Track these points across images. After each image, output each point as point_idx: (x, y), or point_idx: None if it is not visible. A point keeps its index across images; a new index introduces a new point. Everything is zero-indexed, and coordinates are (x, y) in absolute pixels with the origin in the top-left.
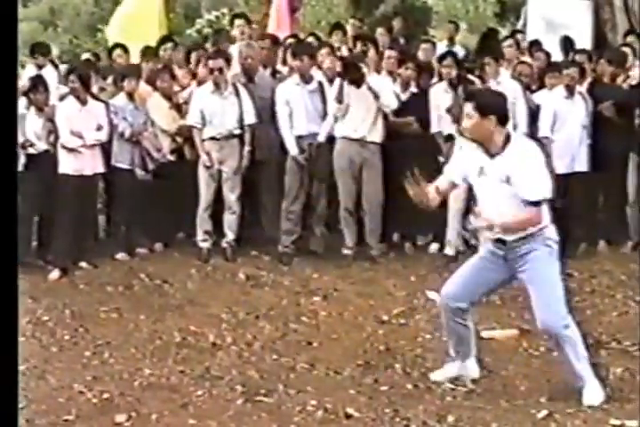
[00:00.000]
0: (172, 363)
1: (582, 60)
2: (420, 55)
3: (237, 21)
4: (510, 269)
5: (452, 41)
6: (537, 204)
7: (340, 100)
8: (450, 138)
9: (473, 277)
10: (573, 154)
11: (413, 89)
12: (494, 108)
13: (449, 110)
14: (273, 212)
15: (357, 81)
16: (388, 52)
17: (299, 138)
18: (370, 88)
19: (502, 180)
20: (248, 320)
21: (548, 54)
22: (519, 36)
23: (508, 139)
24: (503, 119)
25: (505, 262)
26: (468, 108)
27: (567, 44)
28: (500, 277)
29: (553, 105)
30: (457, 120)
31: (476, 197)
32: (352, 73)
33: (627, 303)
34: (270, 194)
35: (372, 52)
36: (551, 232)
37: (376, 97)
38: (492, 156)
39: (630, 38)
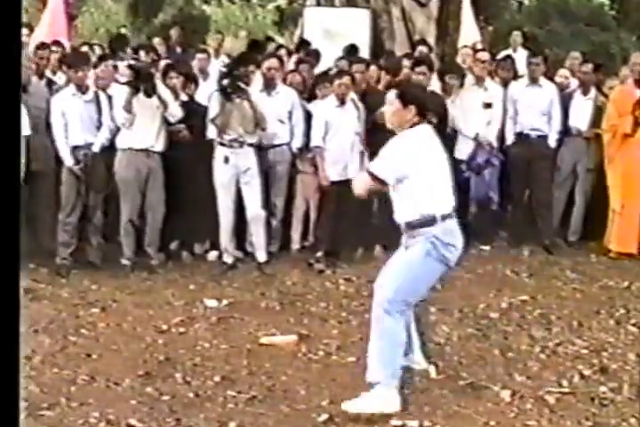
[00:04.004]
0: None
1: (360, 69)
2: (195, 64)
3: (23, 30)
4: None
5: (217, 52)
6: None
7: (128, 109)
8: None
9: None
10: (346, 161)
11: (184, 97)
12: (415, 98)
13: (212, 120)
14: (49, 223)
15: (148, 90)
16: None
17: (75, 148)
18: (160, 97)
19: None
20: (27, 334)
21: (312, 64)
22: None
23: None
24: (423, 112)
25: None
26: (392, 95)
27: (353, 51)
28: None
29: (324, 114)
30: (221, 130)
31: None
32: (144, 82)
33: None
34: (46, 206)
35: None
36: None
37: (165, 106)
38: None
39: (421, 48)
